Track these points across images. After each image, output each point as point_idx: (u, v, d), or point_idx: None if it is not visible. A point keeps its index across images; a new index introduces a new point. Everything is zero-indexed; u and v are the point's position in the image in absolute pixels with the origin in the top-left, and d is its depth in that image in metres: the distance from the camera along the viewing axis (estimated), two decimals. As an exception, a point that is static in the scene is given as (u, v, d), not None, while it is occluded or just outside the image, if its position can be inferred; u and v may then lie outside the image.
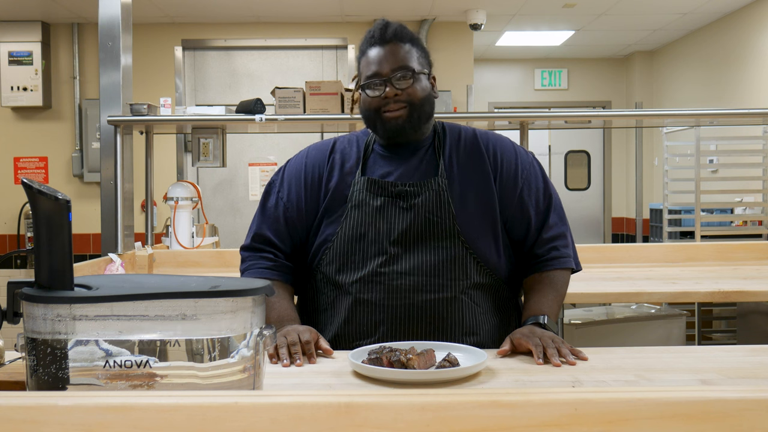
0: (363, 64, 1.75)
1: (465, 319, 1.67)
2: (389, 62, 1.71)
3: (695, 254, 3.27)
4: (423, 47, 1.80)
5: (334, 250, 1.70)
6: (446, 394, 0.85)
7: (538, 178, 1.79)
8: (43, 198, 1.09)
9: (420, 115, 1.73)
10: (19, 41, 5.70)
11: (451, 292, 1.66)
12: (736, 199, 5.25)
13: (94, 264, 2.87)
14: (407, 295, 1.64)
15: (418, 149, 1.78)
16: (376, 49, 1.73)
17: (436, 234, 1.68)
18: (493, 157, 1.77)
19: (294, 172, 1.81)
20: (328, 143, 1.83)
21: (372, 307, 1.66)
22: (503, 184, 1.75)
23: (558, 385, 1.36)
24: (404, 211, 1.69)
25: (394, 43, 1.73)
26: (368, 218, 1.69)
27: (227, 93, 5.94)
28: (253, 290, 1.13)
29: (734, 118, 4.28)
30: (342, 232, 1.70)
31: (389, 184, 1.71)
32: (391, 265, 1.66)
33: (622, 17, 6.11)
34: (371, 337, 1.66)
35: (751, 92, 5.63)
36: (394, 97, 1.70)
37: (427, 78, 1.77)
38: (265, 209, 1.81)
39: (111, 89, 3.38)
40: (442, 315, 1.65)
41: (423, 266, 1.65)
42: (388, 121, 1.71)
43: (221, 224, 5.46)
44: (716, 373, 1.42)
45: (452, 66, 5.96)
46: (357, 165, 1.77)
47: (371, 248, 1.67)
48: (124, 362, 1.09)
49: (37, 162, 5.91)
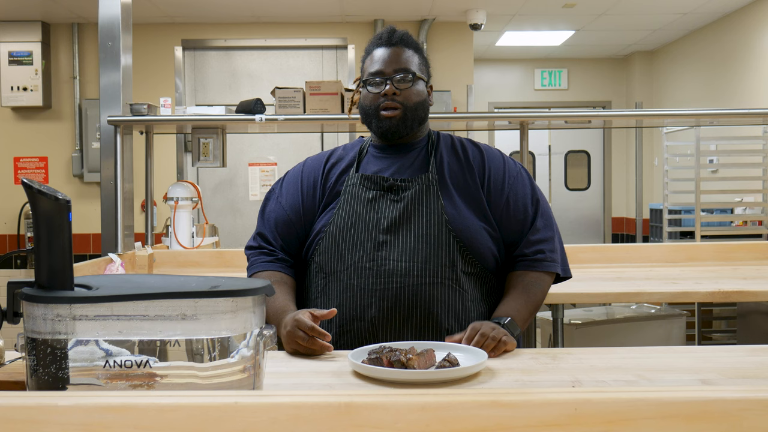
0: (367, 62, 1.86)
1: (452, 304, 1.71)
2: (393, 63, 1.81)
3: (695, 254, 3.27)
4: (425, 57, 1.90)
5: (327, 239, 1.77)
6: (446, 394, 0.85)
7: (525, 186, 1.86)
8: (43, 198, 1.09)
9: (414, 118, 1.82)
10: (19, 41, 5.69)
11: (439, 278, 1.71)
12: (736, 199, 5.25)
13: (94, 264, 2.87)
14: (396, 279, 1.69)
15: (410, 150, 1.86)
16: (382, 49, 1.84)
17: (425, 223, 1.74)
18: (480, 164, 1.84)
19: (292, 179, 1.92)
20: (324, 153, 1.94)
21: (361, 291, 1.70)
22: (490, 190, 1.82)
23: (558, 385, 1.36)
24: (394, 203, 1.77)
25: (399, 47, 1.84)
26: (359, 209, 1.77)
27: (227, 93, 5.94)
28: (253, 290, 1.13)
29: (734, 118, 4.28)
30: (334, 222, 1.78)
31: (381, 178, 1.80)
32: (380, 251, 1.72)
33: (622, 17, 6.11)
34: (360, 321, 1.70)
35: (751, 92, 5.63)
36: (392, 96, 1.79)
37: (425, 85, 1.87)
38: (265, 213, 1.91)
39: (111, 89, 3.38)
40: (430, 298, 1.70)
41: (412, 252, 1.71)
42: (384, 119, 1.80)
43: (221, 224, 5.46)
44: (716, 373, 1.42)
45: (452, 66, 5.96)
46: (352, 165, 1.86)
47: (361, 236, 1.74)
48: (124, 362, 1.09)
49: (37, 162, 5.91)
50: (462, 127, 4.61)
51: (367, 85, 1.82)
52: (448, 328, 1.70)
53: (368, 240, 1.73)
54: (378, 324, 1.69)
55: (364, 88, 1.84)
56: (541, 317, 3.82)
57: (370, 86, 1.82)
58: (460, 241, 1.73)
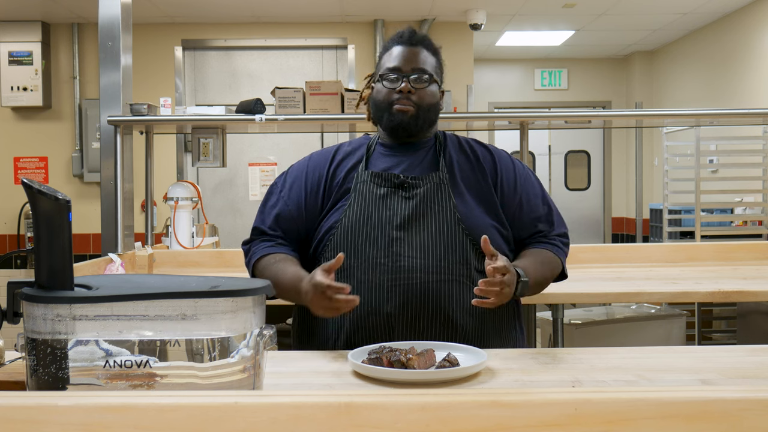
0: (385, 58, 1.87)
1: (465, 300, 1.70)
2: (411, 62, 1.82)
3: (695, 254, 3.27)
4: (441, 62, 1.92)
5: (339, 235, 1.76)
6: (446, 394, 0.85)
7: (535, 186, 1.88)
8: (43, 198, 1.09)
9: (425, 118, 1.83)
10: (19, 41, 5.69)
11: (454, 275, 1.70)
12: (736, 199, 5.25)
13: (94, 264, 2.87)
14: (411, 275, 1.69)
15: (419, 149, 1.86)
16: (401, 47, 1.85)
17: (438, 221, 1.74)
18: (492, 165, 1.85)
19: (296, 173, 1.89)
20: (331, 148, 1.92)
21: (377, 287, 1.69)
22: (504, 191, 1.82)
23: (558, 385, 1.36)
24: (406, 200, 1.76)
25: (419, 47, 1.85)
26: (372, 205, 1.76)
27: (227, 93, 5.94)
28: (253, 290, 1.13)
29: (734, 118, 4.28)
30: (346, 218, 1.77)
31: (392, 175, 1.79)
32: (393, 247, 1.71)
33: (622, 17, 6.11)
34: (376, 316, 1.69)
35: (751, 92, 5.63)
36: (407, 93, 1.80)
37: (439, 88, 1.88)
38: (266, 208, 1.88)
39: (111, 89, 3.38)
40: (446, 295, 1.69)
41: (426, 250, 1.71)
42: (396, 113, 1.81)
43: (221, 224, 5.46)
44: (716, 373, 1.42)
45: (452, 66, 5.92)
46: (360, 162, 1.85)
47: (375, 232, 1.74)
48: (124, 362, 1.09)
49: (37, 162, 5.91)
50: (462, 127, 4.61)
51: (383, 79, 1.82)
52: (462, 324, 1.70)
53: (382, 236, 1.73)
54: (394, 320, 1.68)
55: (378, 82, 1.84)
56: (541, 317, 3.81)
57: (385, 81, 1.82)
58: (472, 239, 1.73)
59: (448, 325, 1.69)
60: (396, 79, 1.81)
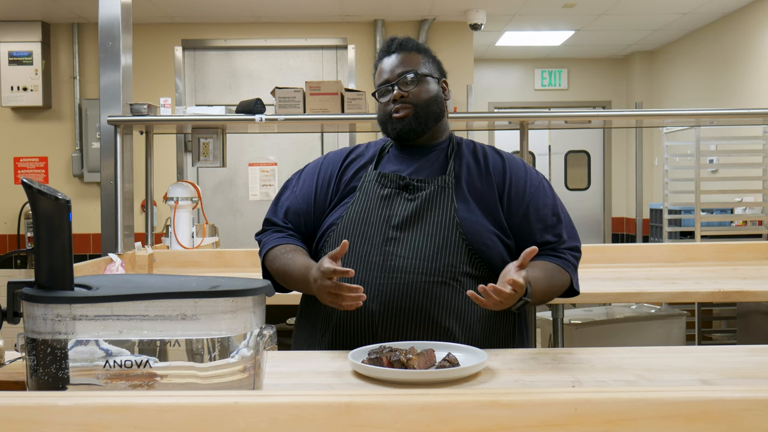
0: (376, 77, 1.91)
1: (453, 303, 1.70)
2: (395, 69, 1.85)
3: (695, 254, 3.28)
4: (431, 55, 1.92)
5: (338, 232, 1.78)
6: (446, 394, 0.85)
7: (547, 197, 1.84)
8: (43, 198, 1.09)
9: (427, 114, 1.83)
10: (19, 41, 5.69)
11: (443, 277, 1.70)
12: (736, 199, 5.25)
13: (94, 264, 2.87)
14: (399, 275, 1.69)
15: (430, 152, 1.87)
16: (385, 59, 1.89)
17: (435, 223, 1.74)
18: (501, 173, 1.84)
19: (310, 170, 1.94)
20: (346, 149, 1.96)
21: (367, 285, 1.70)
22: (510, 198, 1.81)
23: (558, 385, 1.36)
24: (408, 201, 1.78)
25: (398, 52, 1.88)
26: (372, 204, 1.78)
27: (227, 93, 5.94)
28: (253, 290, 1.13)
29: (734, 118, 4.28)
30: (347, 215, 1.79)
31: (397, 176, 1.81)
32: (388, 246, 1.72)
33: (622, 17, 6.11)
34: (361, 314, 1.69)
35: (751, 92, 5.63)
36: (400, 99, 1.82)
37: (437, 82, 1.88)
38: (280, 201, 1.93)
39: (111, 89, 3.38)
40: (431, 296, 1.69)
41: (418, 250, 1.71)
42: (396, 121, 1.83)
43: (221, 224, 5.46)
44: (716, 373, 1.42)
45: (452, 66, 5.93)
46: (371, 162, 1.88)
47: (371, 231, 1.75)
48: (124, 362, 1.09)
49: (37, 162, 5.91)
50: (462, 127, 4.61)
51: (378, 97, 1.87)
52: (447, 328, 1.69)
53: (378, 235, 1.74)
54: (377, 318, 1.68)
55: (377, 100, 1.88)
56: (541, 317, 3.82)
57: (380, 97, 1.86)
58: (469, 244, 1.72)
59: (433, 327, 1.68)
60: (387, 91, 1.84)
